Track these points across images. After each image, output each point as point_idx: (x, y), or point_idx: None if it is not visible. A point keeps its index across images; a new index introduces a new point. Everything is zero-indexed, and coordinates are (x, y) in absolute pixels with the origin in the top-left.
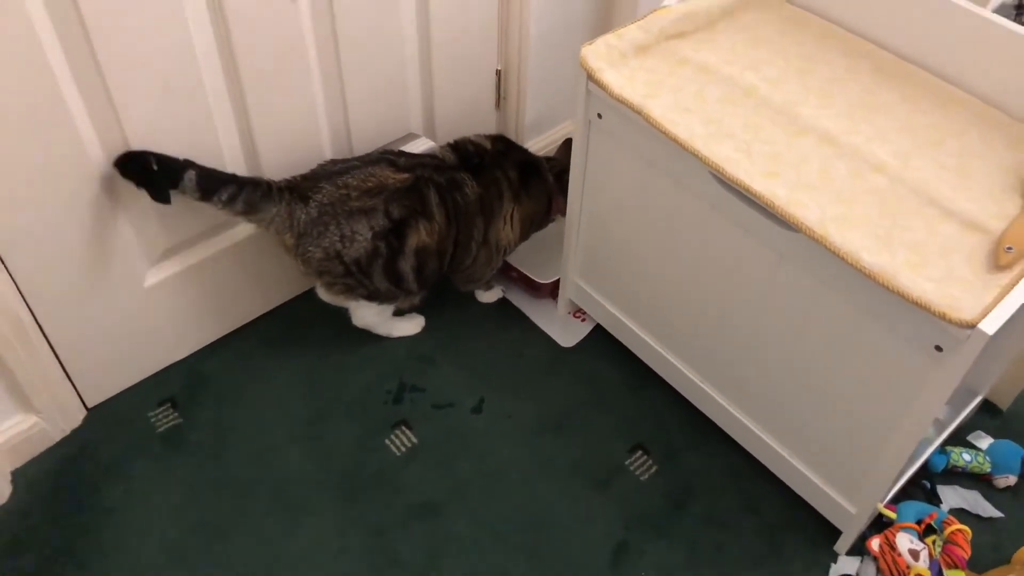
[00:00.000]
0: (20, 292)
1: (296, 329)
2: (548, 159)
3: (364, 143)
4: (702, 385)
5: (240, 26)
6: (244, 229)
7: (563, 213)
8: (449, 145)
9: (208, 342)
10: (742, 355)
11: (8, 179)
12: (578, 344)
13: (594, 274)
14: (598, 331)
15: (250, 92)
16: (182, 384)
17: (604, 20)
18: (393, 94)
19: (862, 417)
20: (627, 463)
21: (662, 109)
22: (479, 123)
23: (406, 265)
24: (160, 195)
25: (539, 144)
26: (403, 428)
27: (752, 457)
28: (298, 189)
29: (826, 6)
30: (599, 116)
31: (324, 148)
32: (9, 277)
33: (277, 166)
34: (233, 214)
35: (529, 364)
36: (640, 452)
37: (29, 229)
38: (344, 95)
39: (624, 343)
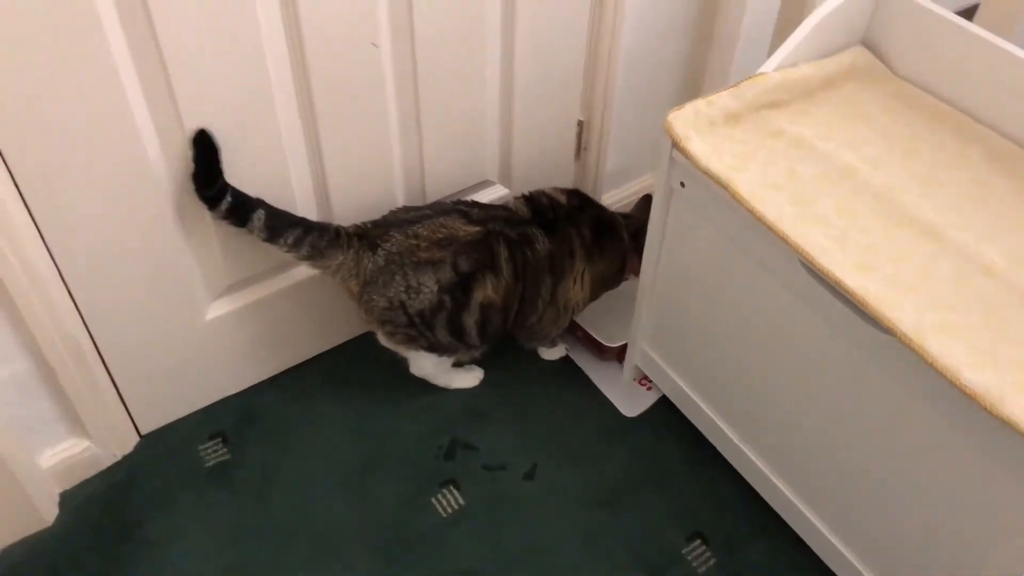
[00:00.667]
0: (81, 316)
1: (352, 371)
2: (625, 216)
3: (438, 189)
4: (770, 475)
5: (320, 69)
6: (307, 269)
7: (637, 273)
8: (524, 197)
9: (264, 378)
10: (816, 451)
11: (77, 202)
12: (641, 415)
13: (664, 343)
14: (663, 402)
15: (325, 136)
16: (234, 419)
17: (694, 73)
18: (470, 141)
19: (949, 540)
20: (684, 552)
21: (750, 185)
22: (557, 173)
23: (470, 320)
24: (207, 191)
25: (617, 197)
26: (451, 488)
27: (820, 559)
28: (367, 236)
29: (936, 82)
30: (682, 185)
31: (397, 193)
32: (72, 301)
33: (348, 211)
34: (298, 258)
35: (588, 431)
36: (699, 541)
37: (94, 253)
38: (421, 141)
39: (690, 419)
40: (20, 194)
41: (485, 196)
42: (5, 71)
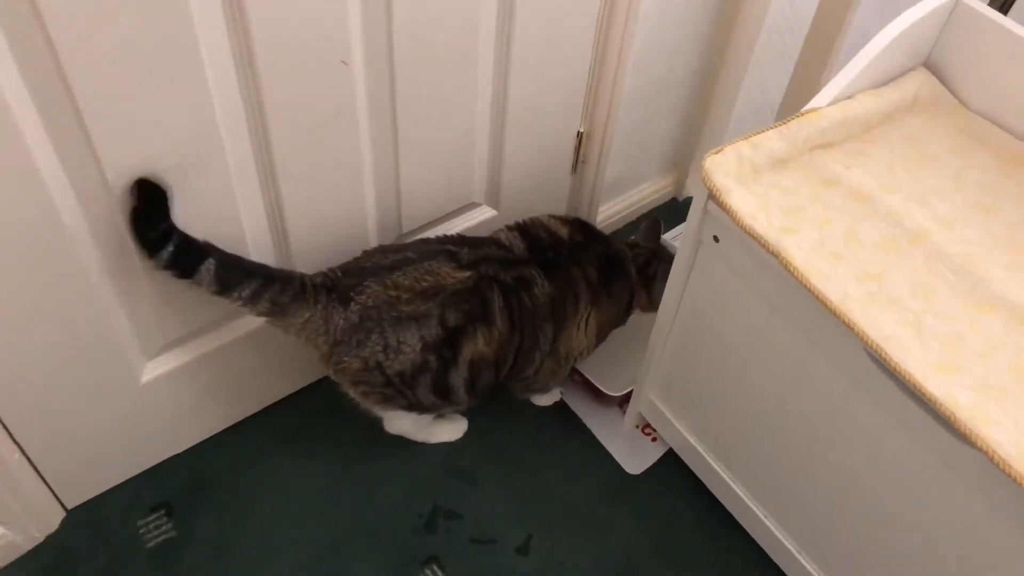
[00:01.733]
0: None
1: (313, 423)
2: (631, 246)
3: (416, 218)
4: (797, 555)
5: (275, 90)
6: (250, 319)
7: (643, 309)
8: (518, 228)
9: (213, 432)
10: (861, 541)
11: None
12: (646, 471)
13: (674, 396)
14: (669, 456)
15: (282, 167)
16: (180, 486)
17: (707, 74)
18: (455, 162)
19: None
20: None
21: (805, 253)
22: (551, 189)
23: (458, 378)
24: (148, 233)
25: (613, 210)
26: (434, 567)
27: None
28: (337, 288)
29: (1012, 115)
30: (715, 239)
31: (368, 226)
32: None
33: (311, 253)
34: (255, 314)
35: (587, 493)
36: None
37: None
38: (397, 167)
39: (700, 477)
40: None
41: (470, 220)
42: None
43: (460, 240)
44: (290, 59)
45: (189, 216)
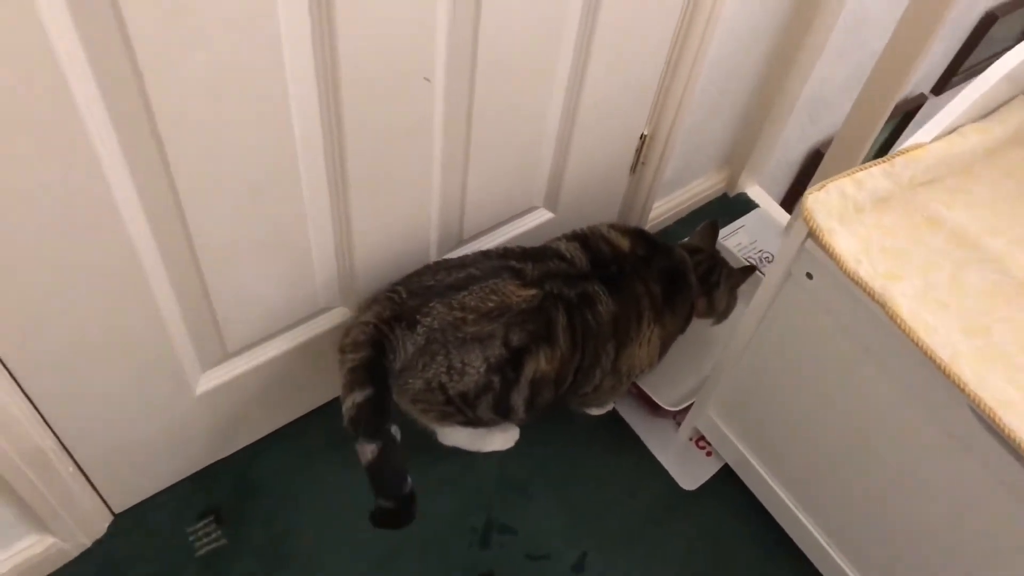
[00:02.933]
0: (43, 417)
1: None
2: (691, 252)
3: (477, 224)
4: None
5: (356, 108)
6: (310, 328)
7: (702, 316)
8: (577, 239)
9: (263, 435)
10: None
11: (37, 292)
12: (701, 487)
13: (737, 419)
14: (725, 472)
15: (354, 182)
16: (228, 491)
17: (772, 74)
18: (521, 170)
19: None
20: None
21: (911, 302)
22: (608, 190)
23: (519, 398)
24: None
25: (667, 206)
26: None
27: None
28: (404, 313)
29: None
30: (808, 276)
31: (430, 234)
32: (30, 404)
33: (373, 262)
34: None
35: (642, 509)
36: None
37: (57, 348)
38: (465, 177)
39: (758, 496)
40: None
41: (527, 223)
42: None
43: (523, 254)
44: (374, 78)
45: (257, 230)
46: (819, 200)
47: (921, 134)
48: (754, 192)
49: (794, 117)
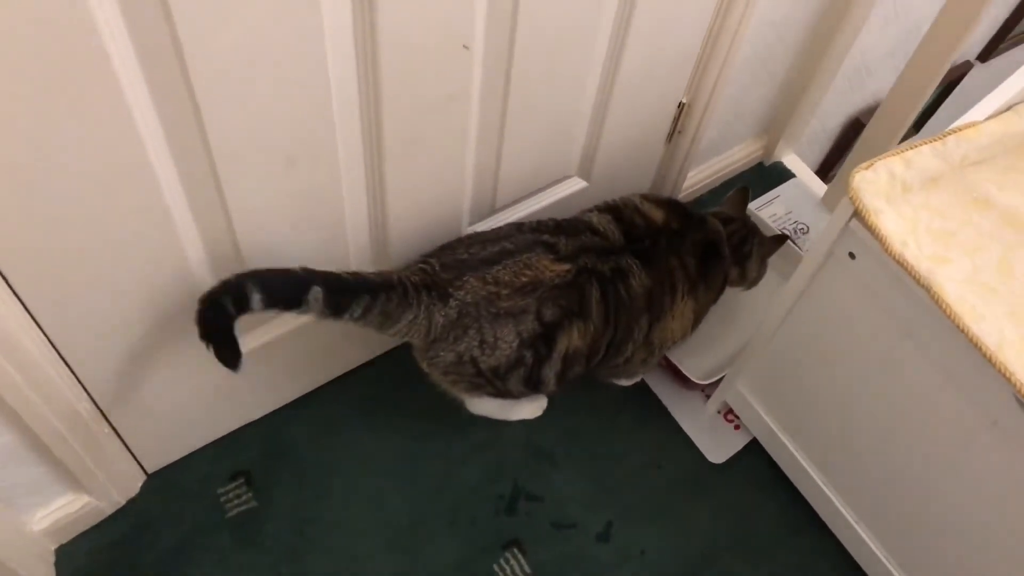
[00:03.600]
0: (79, 380)
1: (391, 392)
2: (724, 222)
3: (510, 194)
4: (884, 560)
5: (394, 78)
6: None
7: (734, 284)
8: (610, 211)
9: (291, 399)
10: (963, 556)
11: (75, 259)
12: (729, 461)
13: (768, 395)
14: (752, 447)
15: (390, 151)
16: (257, 454)
17: (815, 42)
18: (556, 140)
19: None
20: None
21: (958, 286)
22: (643, 159)
23: (550, 372)
24: (225, 354)
25: (702, 175)
26: (515, 551)
27: None
28: (436, 284)
29: None
30: (851, 256)
31: (463, 203)
32: (67, 368)
33: (406, 231)
34: (364, 326)
35: (669, 481)
36: None
37: (95, 314)
38: (500, 147)
39: (785, 471)
40: (12, 290)
41: (561, 192)
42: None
43: (556, 228)
44: (413, 46)
45: (292, 198)
46: (866, 179)
47: (974, 112)
48: (790, 161)
49: (834, 85)
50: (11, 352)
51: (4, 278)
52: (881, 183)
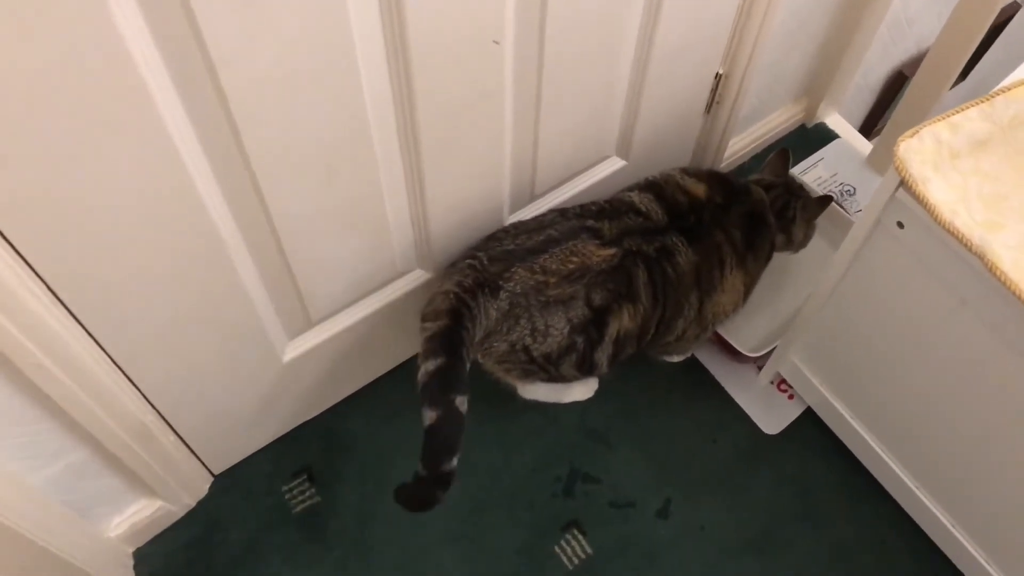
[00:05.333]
0: (142, 394)
1: None
2: (767, 188)
3: (549, 180)
4: (948, 524)
5: (425, 76)
6: (389, 292)
7: (780, 249)
8: (651, 189)
9: (347, 394)
10: (1003, 501)
11: (131, 280)
12: (783, 431)
13: (821, 365)
14: (807, 416)
15: (427, 150)
16: (319, 449)
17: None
18: (593, 122)
19: None
20: None
21: (1013, 253)
22: (682, 132)
23: (602, 355)
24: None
25: (743, 143)
26: (575, 532)
27: None
28: (487, 280)
29: None
30: (899, 225)
31: (503, 193)
32: (130, 383)
33: (448, 225)
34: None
35: (724, 454)
36: None
37: (155, 330)
38: (537, 133)
39: (842, 439)
40: (52, 292)
41: (600, 172)
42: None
43: (599, 212)
44: (443, 44)
45: (335, 205)
46: (912, 148)
47: (1022, 69)
48: (833, 121)
49: (876, 38)
50: (78, 373)
51: (66, 306)
52: (927, 151)
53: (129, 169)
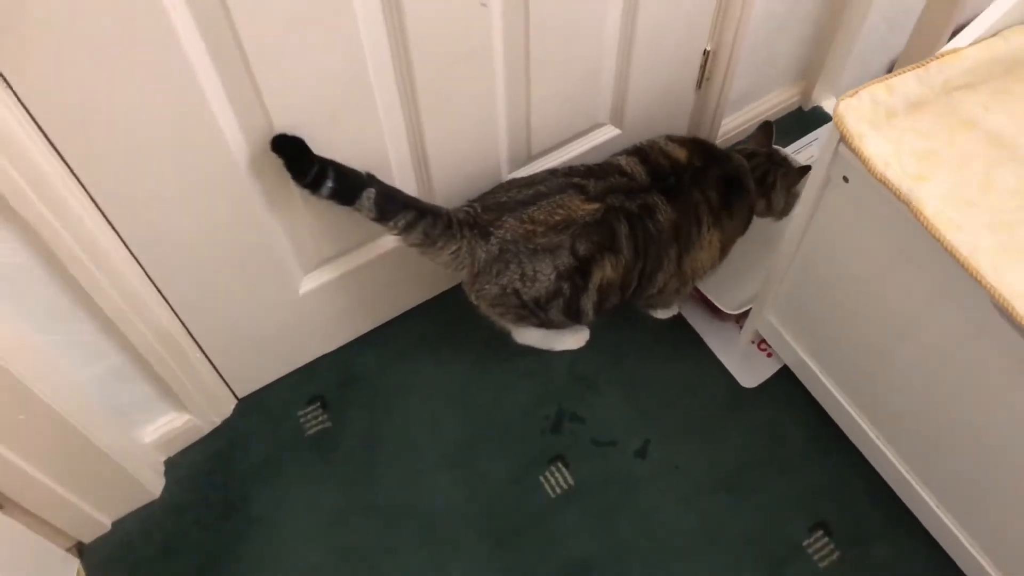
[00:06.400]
0: (172, 308)
1: (449, 327)
2: (749, 155)
3: (544, 141)
4: (903, 470)
5: (420, 40)
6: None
7: (762, 215)
8: (637, 153)
9: (360, 334)
10: (957, 449)
11: (157, 203)
12: (760, 386)
13: (793, 320)
14: (783, 373)
15: (426, 109)
16: (333, 381)
17: None
18: (583, 88)
19: None
20: (806, 544)
21: (937, 202)
22: (675, 106)
23: (587, 302)
24: (302, 179)
25: (737, 121)
26: (560, 465)
27: (953, 560)
28: (479, 223)
29: None
30: (845, 180)
31: (500, 151)
32: (161, 297)
33: (450, 179)
34: (407, 243)
35: (703, 404)
36: (821, 532)
37: (179, 250)
38: (528, 97)
39: (814, 395)
40: (97, 207)
41: (595, 139)
42: (75, 72)
43: (586, 172)
44: (434, 7)
45: (342, 151)
46: (850, 106)
47: (958, 39)
48: (830, 105)
49: (872, 28)
50: (118, 282)
51: (105, 216)
52: (865, 109)
53: (156, 95)
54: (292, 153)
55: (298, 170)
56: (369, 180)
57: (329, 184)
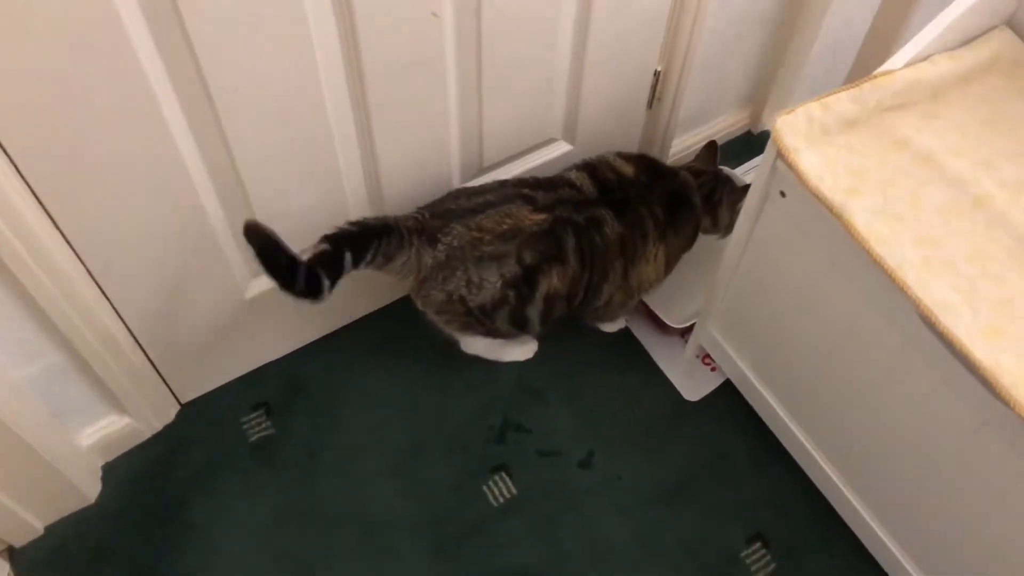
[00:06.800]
0: (114, 308)
1: (397, 337)
2: (696, 173)
3: (496, 153)
4: (839, 483)
5: (372, 50)
6: None
7: (707, 232)
8: (586, 168)
9: (308, 342)
10: (902, 480)
11: (102, 206)
12: (704, 399)
13: (735, 334)
14: (726, 387)
15: (376, 114)
16: (278, 388)
17: (788, 11)
18: (535, 103)
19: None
20: (743, 555)
21: (867, 216)
22: (626, 125)
23: (533, 311)
24: (278, 274)
25: (689, 142)
26: (503, 474)
27: (887, 574)
28: (426, 230)
29: None
30: (782, 194)
31: (452, 162)
32: (104, 296)
33: (400, 188)
34: (367, 268)
35: (647, 416)
36: (759, 544)
37: (123, 252)
38: (480, 109)
39: (756, 409)
40: (40, 204)
41: (547, 155)
42: (23, 70)
43: (535, 183)
44: (384, 12)
45: (291, 157)
46: (788, 123)
47: (891, 61)
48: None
49: (819, 56)
50: (60, 280)
51: (47, 212)
52: (800, 125)
53: (103, 94)
54: (264, 244)
55: (273, 262)
56: (339, 244)
57: (300, 284)
